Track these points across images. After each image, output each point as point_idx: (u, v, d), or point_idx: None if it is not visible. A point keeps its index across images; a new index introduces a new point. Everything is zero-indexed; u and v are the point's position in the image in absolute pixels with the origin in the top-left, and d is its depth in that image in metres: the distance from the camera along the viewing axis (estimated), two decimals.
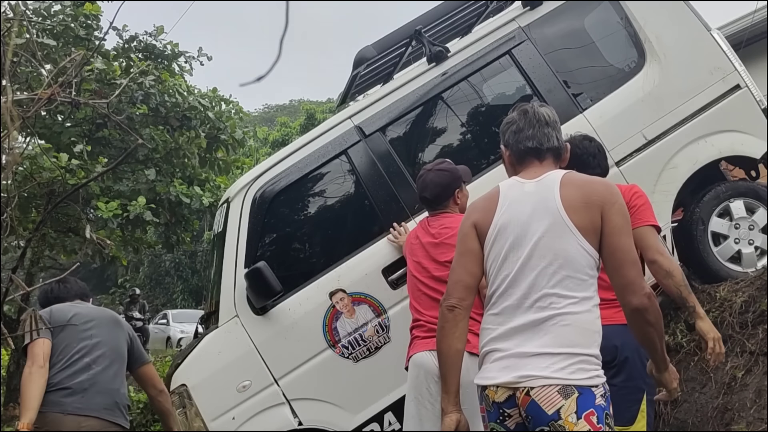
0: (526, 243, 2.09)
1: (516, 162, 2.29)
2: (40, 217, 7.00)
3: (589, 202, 2.06)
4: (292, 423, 3.78)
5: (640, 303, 1.99)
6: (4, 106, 1.88)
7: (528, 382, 1.98)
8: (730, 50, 4.33)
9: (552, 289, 2.04)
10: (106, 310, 3.44)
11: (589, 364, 2.00)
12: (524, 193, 2.17)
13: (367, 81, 4.79)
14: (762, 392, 3.40)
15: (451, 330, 2.19)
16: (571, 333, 2.00)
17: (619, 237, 2.04)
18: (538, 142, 2.23)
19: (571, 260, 2.04)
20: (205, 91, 9.01)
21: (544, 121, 2.26)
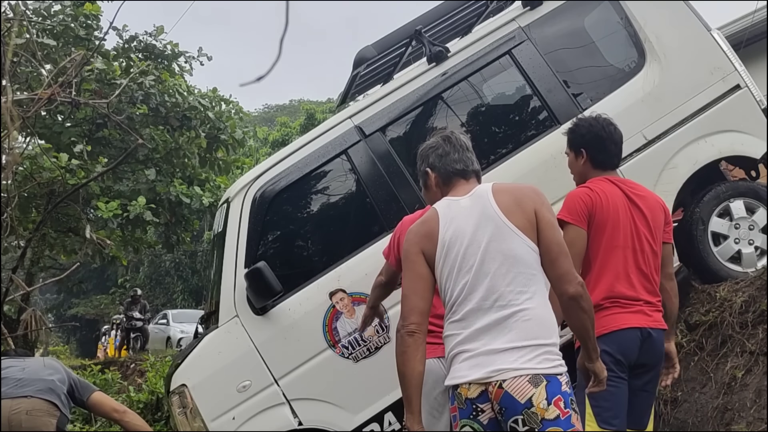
0: (475, 250, 2.23)
1: (443, 183, 2.46)
2: (40, 217, 7.01)
3: (521, 203, 2.25)
4: (292, 423, 3.77)
5: (576, 291, 2.16)
6: (4, 106, 1.88)
7: (499, 375, 2.11)
8: (730, 50, 4.33)
9: (508, 287, 2.18)
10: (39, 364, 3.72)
11: (552, 354, 2.15)
12: (462, 207, 2.32)
13: (367, 81, 4.78)
14: (762, 392, 3.40)
15: (413, 354, 2.24)
16: (533, 326, 2.15)
17: (553, 232, 2.22)
18: (464, 165, 2.45)
19: (519, 258, 2.20)
20: (205, 91, 9.02)
21: (465, 147, 2.49)
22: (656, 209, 2.88)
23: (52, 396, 3.47)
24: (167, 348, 15.56)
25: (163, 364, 8.65)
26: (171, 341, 16.41)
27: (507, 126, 4.42)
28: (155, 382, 8.17)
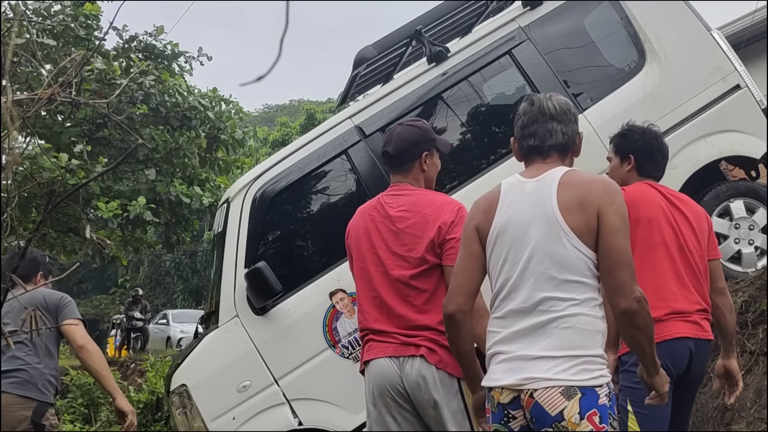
0: (525, 246, 2.08)
1: (521, 157, 2.27)
2: (40, 217, 7.01)
3: (584, 203, 2.04)
4: (292, 423, 3.78)
5: (629, 306, 1.98)
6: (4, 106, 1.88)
7: (531, 384, 1.99)
8: (730, 50, 4.33)
9: (551, 293, 2.03)
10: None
11: (592, 364, 1.99)
12: (524, 193, 2.15)
13: (367, 81, 4.79)
14: (762, 392, 3.40)
15: (455, 335, 2.23)
16: (572, 335, 2.00)
17: (614, 237, 2.01)
18: (540, 140, 2.19)
19: (567, 263, 2.03)
20: (205, 91, 9.03)
21: (549, 115, 2.19)
22: (700, 214, 2.81)
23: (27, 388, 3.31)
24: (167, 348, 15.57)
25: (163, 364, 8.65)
26: (171, 341, 16.42)
27: (507, 126, 4.42)
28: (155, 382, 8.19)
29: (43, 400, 3.36)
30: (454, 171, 4.24)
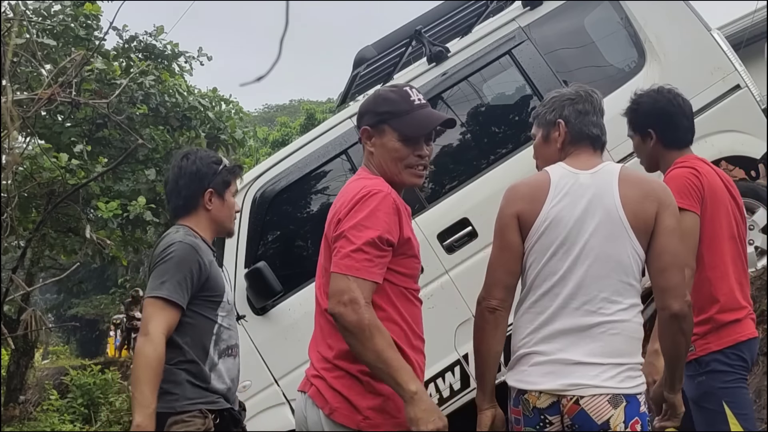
0: (579, 240, 1.97)
1: (570, 142, 2.14)
2: (40, 217, 7.01)
3: (645, 202, 1.97)
4: (292, 423, 3.77)
5: (680, 309, 1.93)
6: (4, 106, 1.88)
7: (577, 390, 1.91)
8: (730, 50, 4.32)
9: (602, 293, 1.95)
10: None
11: (635, 371, 1.96)
12: (579, 184, 2.03)
13: (367, 81, 4.78)
14: (762, 392, 3.39)
15: (491, 332, 2.07)
16: (620, 342, 1.94)
17: (670, 239, 1.96)
18: (601, 131, 2.14)
19: (624, 264, 1.96)
20: (205, 91, 9.02)
21: (603, 112, 2.18)
22: (741, 202, 2.62)
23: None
24: None
25: None
26: None
27: (507, 126, 4.42)
28: None
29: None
30: (455, 171, 4.24)
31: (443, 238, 3.90)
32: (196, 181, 2.49)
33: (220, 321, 2.43)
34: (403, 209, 1.99)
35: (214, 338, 2.40)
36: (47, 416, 9.39)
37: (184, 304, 2.31)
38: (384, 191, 1.93)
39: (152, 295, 2.28)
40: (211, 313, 2.40)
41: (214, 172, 2.53)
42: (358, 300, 1.84)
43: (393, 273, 1.95)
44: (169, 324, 2.26)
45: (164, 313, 2.25)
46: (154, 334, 2.22)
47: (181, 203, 2.51)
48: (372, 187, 1.93)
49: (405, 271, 1.98)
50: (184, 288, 2.30)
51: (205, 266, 2.38)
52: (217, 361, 2.39)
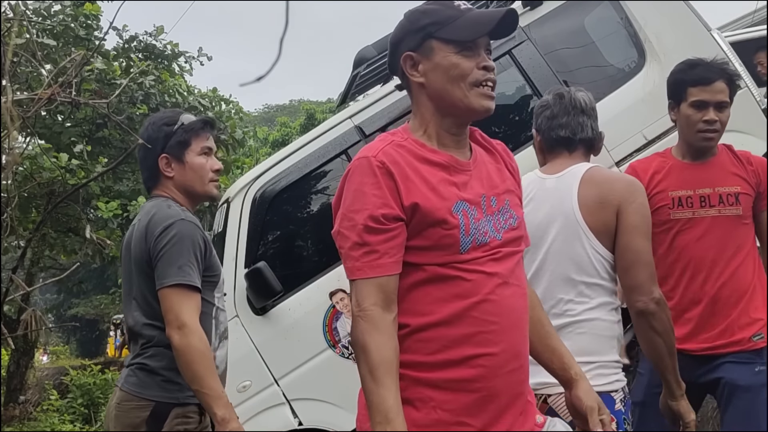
0: (543, 245, 2.02)
1: (546, 150, 2.19)
2: (40, 217, 7.01)
3: (605, 202, 1.98)
4: (292, 423, 3.78)
5: (646, 307, 1.93)
6: (4, 106, 1.89)
7: (544, 389, 1.94)
8: (731, 50, 4.32)
9: (567, 295, 1.99)
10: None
11: (607, 369, 1.95)
12: (544, 189, 2.08)
13: (367, 81, 4.78)
14: None
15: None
16: (588, 341, 1.96)
17: (632, 237, 1.95)
18: (571, 132, 2.12)
19: (584, 265, 1.97)
20: (205, 91, 9.02)
21: (579, 108, 2.14)
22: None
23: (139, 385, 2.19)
24: None
25: None
26: None
27: (507, 126, 4.42)
28: None
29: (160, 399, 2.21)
30: None
31: None
32: (150, 149, 2.27)
33: (217, 303, 2.29)
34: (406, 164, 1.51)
35: (214, 321, 2.25)
36: (47, 416, 9.39)
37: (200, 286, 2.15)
38: (365, 156, 1.52)
39: (174, 282, 2.07)
40: (210, 295, 2.25)
41: (165, 135, 2.26)
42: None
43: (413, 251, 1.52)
44: (197, 309, 2.10)
45: (192, 300, 2.09)
46: (191, 323, 2.05)
47: (146, 175, 2.33)
48: (354, 160, 1.55)
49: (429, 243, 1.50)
50: (196, 270, 2.13)
51: (207, 242, 2.21)
52: (218, 346, 2.26)
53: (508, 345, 1.50)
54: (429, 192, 1.50)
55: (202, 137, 2.29)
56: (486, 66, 1.65)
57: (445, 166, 1.55)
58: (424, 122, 1.59)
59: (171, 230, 2.12)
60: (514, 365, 1.51)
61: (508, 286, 1.52)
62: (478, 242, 1.50)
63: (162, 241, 2.12)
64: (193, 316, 2.06)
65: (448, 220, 1.48)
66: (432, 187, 1.51)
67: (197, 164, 2.27)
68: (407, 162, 1.51)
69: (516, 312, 1.53)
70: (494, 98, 1.66)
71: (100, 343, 23.37)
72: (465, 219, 1.50)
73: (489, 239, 1.52)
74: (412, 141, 1.56)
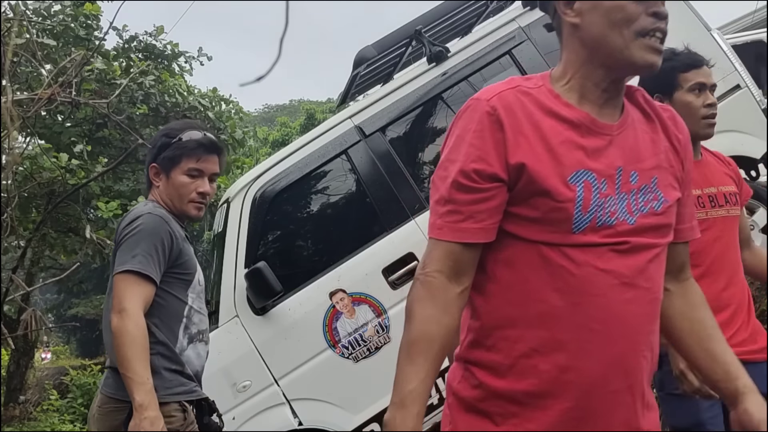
0: None
1: None
2: (40, 217, 7.01)
3: None
4: (292, 423, 3.78)
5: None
6: (4, 106, 1.88)
7: None
8: (730, 50, 4.32)
9: None
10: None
11: None
12: None
13: (367, 81, 4.79)
14: None
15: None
16: None
17: None
18: None
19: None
20: (205, 91, 9.02)
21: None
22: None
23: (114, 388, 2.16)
24: None
25: None
26: None
27: None
28: None
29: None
30: None
31: None
32: (148, 155, 2.33)
33: (191, 302, 2.25)
34: (524, 115, 1.28)
35: (184, 321, 2.22)
36: (47, 416, 9.39)
37: (158, 279, 2.12)
38: (478, 98, 1.33)
39: (123, 269, 2.07)
40: (182, 293, 2.22)
41: (161, 146, 2.28)
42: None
43: (516, 221, 1.27)
44: (145, 299, 2.07)
45: (139, 287, 2.06)
46: (131, 308, 2.03)
47: (145, 177, 2.37)
48: (470, 99, 1.35)
49: (535, 215, 1.25)
50: (155, 261, 2.10)
51: (176, 238, 2.19)
52: (186, 346, 2.22)
53: (613, 360, 1.24)
54: (544, 152, 1.24)
55: (193, 158, 2.25)
56: (657, 12, 1.37)
57: (576, 125, 1.28)
58: (570, 71, 1.35)
59: (135, 222, 2.15)
60: (620, 385, 1.25)
61: (630, 289, 1.25)
62: (600, 223, 1.23)
63: (124, 231, 2.16)
64: (134, 302, 2.04)
65: (560, 191, 1.22)
66: (549, 147, 1.25)
67: (178, 182, 2.26)
68: (527, 112, 1.27)
69: (633, 320, 1.26)
70: (662, 53, 1.36)
71: (100, 343, 23.33)
72: (586, 192, 1.23)
73: (615, 221, 1.25)
74: (545, 90, 1.32)
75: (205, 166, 2.28)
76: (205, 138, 2.28)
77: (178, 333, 2.19)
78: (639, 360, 1.28)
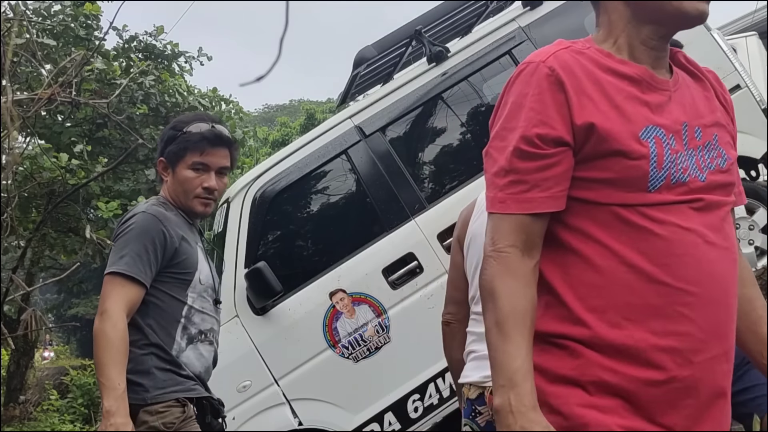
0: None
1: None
2: (40, 217, 7.01)
3: None
4: (292, 423, 3.78)
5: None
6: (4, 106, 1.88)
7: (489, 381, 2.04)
8: (730, 50, 4.33)
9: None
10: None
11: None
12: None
13: (367, 81, 4.79)
14: None
15: (449, 343, 2.32)
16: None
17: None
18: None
19: None
20: (205, 91, 9.02)
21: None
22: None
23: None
24: None
25: None
26: None
27: None
28: None
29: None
30: (455, 171, 4.25)
31: (444, 237, 3.90)
32: (157, 149, 2.26)
33: (191, 302, 2.15)
34: (584, 74, 1.22)
35: (183, 321, 2.12)
36: (47, 416, 9.39)
37: (147, 280, 2.04)
38: (533, 60, 1.25)
39: (109, 271, 2.02)
40: (180, 293, 2.13)
41: (167, 139, 2.20)
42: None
43: (587, 185, 1.21)
44: (129, 301, 2.00)
45: (123, 289, 1.99)
46: (111, 310, 1.96)
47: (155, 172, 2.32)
48: (524, 62, 1.28)
49: (608, 176, 1.19)
50: (145, 262, 2.02)
51: (170, 237, 2.08)
52: (185, 347, 2.13)
53: (710, 323, 1.17)
54: (611, 110, 1.19)
55: (197, 151, 2.16)
56: None
57: (637, 81, 1.22)
58: (615, 32, 1.28)
59: (128, 222, 2.09)
60: (717, 350, 1.18)
61: (713, 248, 1.18)
62: (674, 180, 1.17)
63: (117, 231, 2.10)
64: (116, 304, 1.97)
65: (634, 148, 1.16)
66: (615, 105, 1.19)
67: (182, 177, 2.17)
68: (587, 72, 1.21)
69: (723, 281, 1.18)
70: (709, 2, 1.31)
71: None
72: (658, 148, 1.17)
73: (688, 178, 1.19)
74: (594, 50, 1.25)
75: (210, 160, 2.17)
76: (210, 130, 2.17)
77: (174, 334, 2.11)
78: (731, 324, 1.22)
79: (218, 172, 2.20)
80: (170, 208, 2.19)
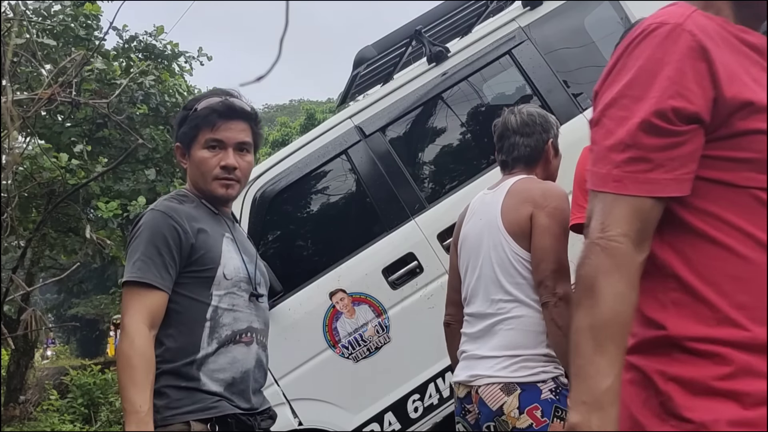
0: (480, 254, 2.24)
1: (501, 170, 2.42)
2: (40, 217, 7.01)
3: (520, 208, 2.16)
4: (292, 423, 3.78)
5: (547, 300, 2.07)
6: (4, 106, 1.88)
7: (476, 381, 2.15)
8: None
9: (498, 295, 2.18)
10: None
11: (533, 362, 2.09)
12: (483, 203, 2.31)
13: (367, 81, 4.78)
14: None
15: (450, 343, 2.44)
16: (516, 336, 2.13)
17: (540, 237, 2.10)
18: (505, 155, 2.36)
19: (507, 267, 2.16)
20: (205, 92, 9.02)
21: (511, 130, 2.34)
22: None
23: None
24: None
25: None
26: None
27: None
28: None
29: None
30: (455, 171, 4.24)
31: (444, 237, 3.90)
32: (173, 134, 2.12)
33: (216, 302, 1.90)
34: (722, 40, 1.07)
35: (209, 324, 1.88)
36: (47, 416, 9.39)
37: (165, 284, 1.83)
38: (667, 21, 1.07)
39: (124, 280, 1.84)
40: (202, 294, 1.89)
41: (180, 120, 2.01)
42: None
43: (722, 165, 1.06)
44: (149, 311, 1.79)
45: (140, 299, 1.79)
46: (128, 327, 1.75)
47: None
48: (652, 21, 1.11)
49: (748, 156, 1.05)
50: (159, 264, 1.82)
51: (184, 232, 1.86)
52: (214, 353, 1.88)
53: None
54: (753, 83, 1.04)
55: (208, 127, 1.94)
56: None
57: (761, 51, 1.08)
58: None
59: (137, 225, 1.90)
60: None
61: None
62: None
63: (129, 236, 1.93)
64: (133, 318, 1.77)
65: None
66: (754, 78, 1.05)
67: (198, 158, 1.96)
68: (723, 38, 1.05)
69: None
70: None
71: (100, 343, 23.36)
72: None
73: None
74: (711, 15, 1.09)
75: (225, 135, 1.94)
76: (220, 103, 1.95)
77: (199, 341, 1.86)
78: None
79: (238, 148, 1.97)
80: (188, 200, 1.98)
